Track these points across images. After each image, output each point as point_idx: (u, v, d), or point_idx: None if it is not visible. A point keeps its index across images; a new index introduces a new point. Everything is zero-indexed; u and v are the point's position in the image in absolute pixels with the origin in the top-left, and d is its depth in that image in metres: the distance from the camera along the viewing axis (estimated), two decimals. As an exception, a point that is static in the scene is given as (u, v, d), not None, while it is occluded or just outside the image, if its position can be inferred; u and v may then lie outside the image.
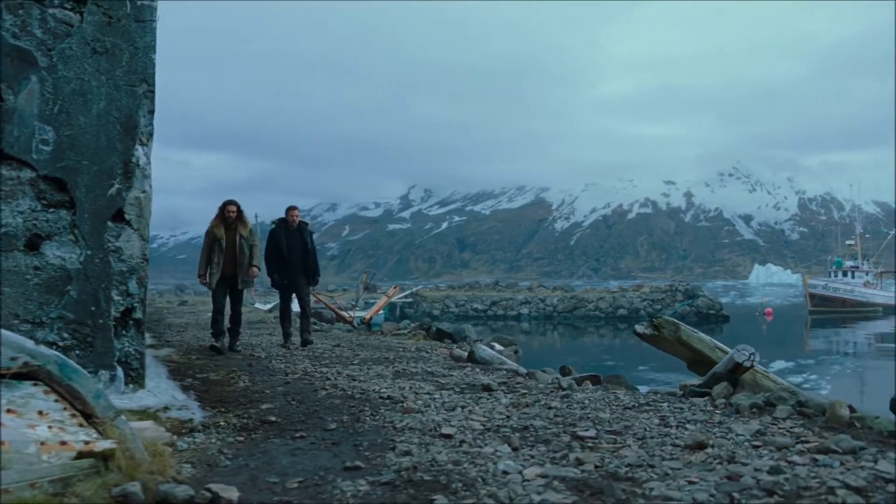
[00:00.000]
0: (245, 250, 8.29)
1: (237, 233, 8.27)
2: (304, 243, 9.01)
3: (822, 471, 3.23)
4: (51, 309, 4.02)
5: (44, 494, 2.70)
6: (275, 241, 8.97)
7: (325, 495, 2.97)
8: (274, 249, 8.97)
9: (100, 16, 4.16)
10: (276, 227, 9.11)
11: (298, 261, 8.93)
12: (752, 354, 4.96)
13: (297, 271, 8.95)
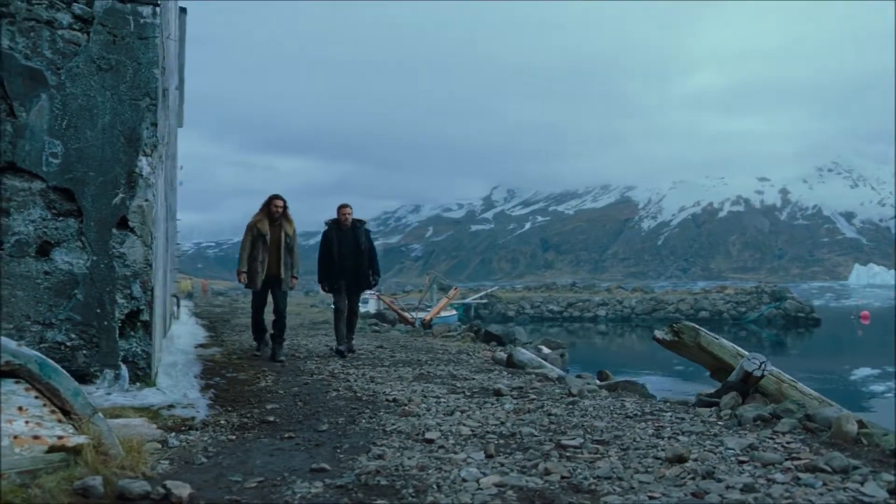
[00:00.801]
0: (290, 250, 7.85)
1: (282, 230, 7.78)
2: (358, 244, 8.24)
3: (799, 491, 3.07)
4: (59, 311, 4.30)
5: (10, 484, 2.89)
6: (326, 244, 8.30)
7: (276, 496, 3.05)
8: (325, 252, 8.28)
9: (105, 35, 4.42)
10: (328, 227, 8.37)
11: (351, 263, 8.21)
12: (763, 363, 4.73)
13: (350, 274, 8.25)
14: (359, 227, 8.35)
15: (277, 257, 7.73)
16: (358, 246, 8.25)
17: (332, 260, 8.18)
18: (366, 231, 8.47)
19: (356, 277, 8.31)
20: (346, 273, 8.22)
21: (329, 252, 8.22)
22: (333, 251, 8.18)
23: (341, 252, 8.19)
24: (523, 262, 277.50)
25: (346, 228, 8.28)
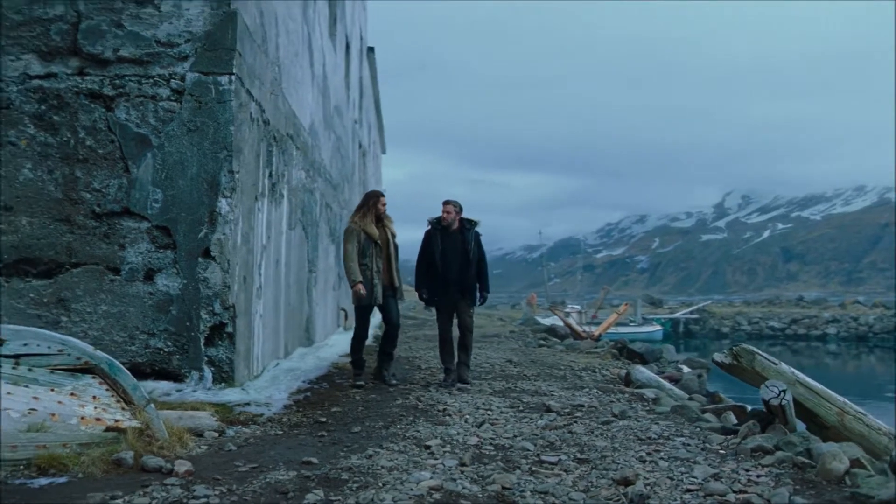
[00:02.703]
0: (395, 252, 7.02)
1: (388, 231, 6.94)
2: (465, 250, 6.95)
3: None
4: (159, 323, 5.45)
5: (70, 452, 3.92)
6: (427, 248, 7.11)
7: (251, 478, 3.75)
8: (424, 258, 7.15)
9: (193, 102, 5.53)
10: (432, 227, 7.16)
11: (455, 272, 6.95)
12: (783, 392, 4.50)
13: (454, 285, 7.01)
14: (468, 229, 7.07)
15: (389, 264, 6.88)
16: (466, 253, 6.96)
17: (433, 268, 7.01)
18: (476, 235, 7.15)
19: (462, 291, 7.06)
20: (450, 286, 7.01)
21: (430, 258, 7.05)
22: (436, 257, 6.97)
23: (445, 259, 6.95)
24: (762, 273, 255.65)
25: (454, 231, 7.02)
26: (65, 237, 5.47)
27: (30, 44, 5.56)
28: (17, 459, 3.73)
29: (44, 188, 5.48)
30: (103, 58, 5.57)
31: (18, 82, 5.52)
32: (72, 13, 5.58)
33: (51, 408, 4.03)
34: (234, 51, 5.59)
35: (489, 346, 13.33)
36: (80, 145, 5.51)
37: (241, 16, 5.70)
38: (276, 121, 7.20)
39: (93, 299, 5.44)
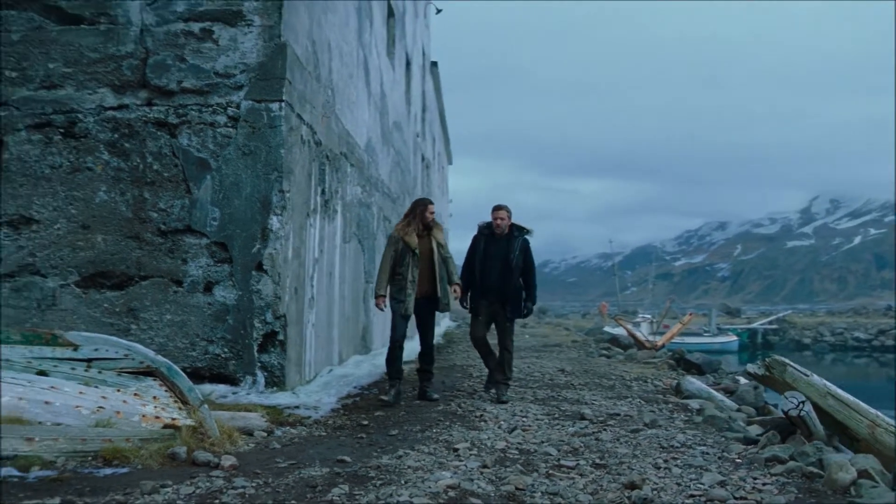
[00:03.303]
0: (444, 262, 6.66)
1: (433, 240, 6.62)
2: (507, 258, 6.63)
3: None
4: (217, 331, 5.94)
5: (132, 446, 4.40)
6: (470, 252, 6.89)
7: (288, 473, 4.12)
8: (467, 263, 6.90)
9: (247, 128, 6.02)
10: (479, 232, 6.88)
11: (494, 280, 6.66)
12: (802, 403, 4.55)
13: (493, 293, 6.71)
14: (516, 236, 6.73)
15: (430, 274, 6.57)
16: (507, 261, 6.64)
17: (473, 272, 6.78)
18: (524, 242, 6.77)
19: (501, 301, 6.74)
20: (490, 294, 6.73)
21: (470, 263, 6.85)
22: (475, 263, 6.76)
23: (485, 266, 6.68)
24: (853, 281, 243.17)
25: (501, 237, 6.73)
26: (134, 253, 6.04)
27: (105, 78, 6.18)
28: (86, 451, 4.23)
29: (116, 208, 6.08)
30: (168, 89, 6.14)
31: (95, 113, 6.15)
32: (141, 50, 6.18)
33: (116, 406, 4.52)
34: (284, 79, 6.05)
35: (547, 356, 13.47)
36: (148, 169, 6.08)
37: (290, 47, 6.16)
38: (329, 141, 7.66)
39: (159, 309, 5.98)
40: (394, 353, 6.64)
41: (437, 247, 6.64)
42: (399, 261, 6.47)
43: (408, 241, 6.48)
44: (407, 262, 6.45)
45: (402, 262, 6.46)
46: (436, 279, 6.61)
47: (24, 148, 6.18)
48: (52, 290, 6.05)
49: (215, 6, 6.16)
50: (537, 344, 17.62)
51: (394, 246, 6.53)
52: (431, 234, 6.64)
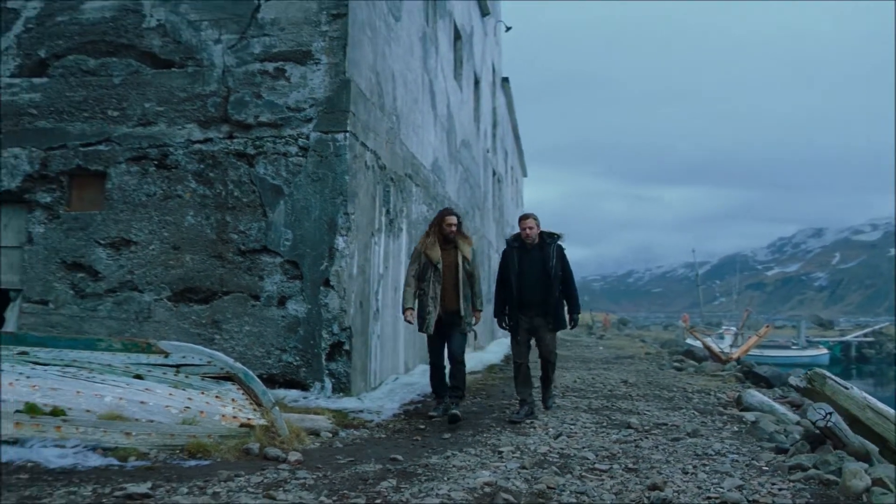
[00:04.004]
0: (469, 278, 6.29)
1: (458, 253, 6.25)
2: (546, 268, 6.28)
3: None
4: (290, 341, 6.56)
5: (212, 441, 5.02)
6: (502, 268, 6.55)
7: (346, 467, 4.63)
8: (501, 279, 6.56)
9: (315, 157, 6.64)
10: (508, 246, 6.55)
11: (534, 293, 6.30)
12: (829, 414, 4.68)
13: (534, 308, 6.36)
14: (549, 243, 6.38)
15: (455, 289, 6.21)
16: (546, 271, 6.28)
17: (509, 286, 6.42)
18: (559, 249, 6.41)
19: (544, 314, 6.39)
20: (529, 308, 6.38)
21: (505, 277, 6.48)
22: (511, 278, 6.39)
23: (521, 279, 6.34)
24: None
25: (532, 247, 6.38)
26: (218, 270, 6.75)
27: (192, 115, 6.95)
28: (174, 445, 4.87)
29: (202, 231, 6.81)
30: (247, 123, 6.84)
31: (184, 147, 6.92)
32: (223, 88, 6.92)
33: (200, 407, 5.15)
34: (348, 111, 6.64)
35: (616, 368, 13.60)
36: (230, 196, 6.79)
37: (353, 82, 6.75)
38: (393, 164, 8.22)
39: (239, 321, 6.66)
40: (434, 375, 6.47)
41: (461, 261, 6.25)
42: (422, 275, 6.22)
43: (429, 255, 6.22)
44: (429, 277, 6.17)
45: (424, 277, 6.20)
46: (459, 296, 6.23)
47: (124, 178, 7.02)
48: (147, 304, 6.84)
49: (287, 47, 6.83)
50: (609, 356, 17.69)
51: (416, 260, 6.33)
52: (458, 247, 6.28)
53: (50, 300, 7.08)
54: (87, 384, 5.16)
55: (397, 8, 8.64)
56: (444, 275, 6.22)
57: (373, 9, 7.54)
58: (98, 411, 4.98)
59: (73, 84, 7.32)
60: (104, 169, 7.09)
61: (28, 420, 4.98)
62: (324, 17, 6.78)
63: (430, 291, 6.19)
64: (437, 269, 6.19)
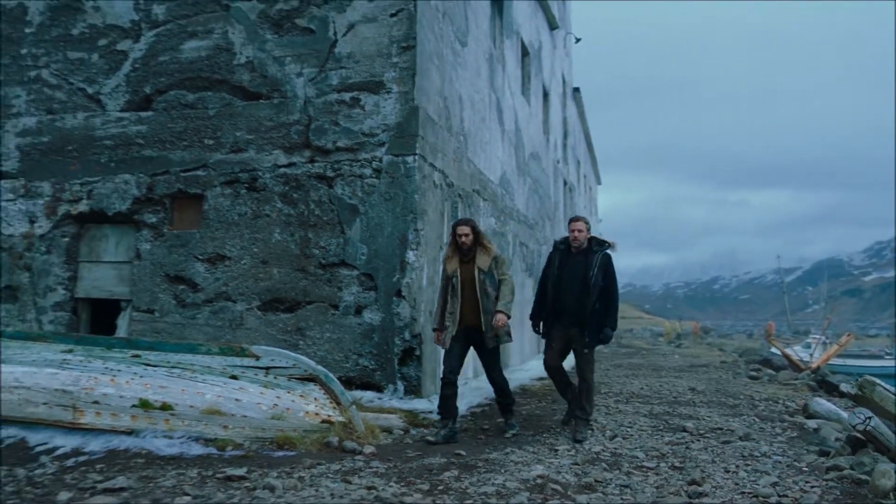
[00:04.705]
0: (490, 288, 5.93)
1: (475, 265, 5.95)
2: (586, 276, 5.93)
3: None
4: (365, 347, 7.17)
5: (298, 434, 5.66)
6: (544, 268, 6.32)
7: (414, 459, 5.16)
8: (540, 283, 6.35)
9: (388, 178, 7.25)
10: (554, 248, 6.30)
11: (570, 300, 6.01)
12: (869, 419, 4.86)
13: (569, 316, 6.05)
14: (595, 251, 6.03)
15: (474, 305, 5.92)
16: (586, 279, 5.94)
17: (545, 295, 6.20)
18: (604, 258, 6.02)
19: (579, 324, 6.01)
20: (564, 317, 6.09)
21: (544, 282, 6.27)
22: (548, 282, 6.17)
23: (560, 284, 6.07)
24: None
25: (577, 253, 6.08)
26: (301, 282, 7.45)
27: (278, 142, 7.70)
28: (264, 437, 5.53)
29: (287, 247, 7.53)
30: (326, 148, 7.53)
31: (271, 171, 7.67)
32: (305, 118, 7.63)
33: (287, 404, 5.80)
34: (417, 135, 7.22)
35: (687, 376, 13.67)
36: (311, 214, 7.48)
37: (422, 108, 7.33)
38: (461, 181, 8.75)
39: (320, 328, 7.32)
40: (443, 391, 6.03)
41: (477, 273, 5.93)
42: (445, 290, 6.07)
43: (446, 268, 6.07)
44: (447, 290, 6.03)
45: (446, 291, 6.07)
46: (480, 310, 5.91)
47: (218, 200, 7.83)
48: (240, 313, 7.61)
49: (362, 78, 7.48)
50: (684, 364, 17.63)
51: (443, 275, 6.14)
52: (475, 259, 5.99)
53: (155, 309, 7.96)
54: (191, 383, 5.89)
55: (464, 34, 9.20)
56: (463, 289, 5.94)
57: (440, 38, 8.12)
58: (200, 407, 5.70)
59: (174, 116, 8.21)
60: (201, 192, 7.94)
61: (142, 413, 5.76)
62: (394, 50, 7.40)
63: (448, 306, 6.00)
64: (453, 283, 5.98)
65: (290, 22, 7.85)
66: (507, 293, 5.99)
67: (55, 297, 8.58)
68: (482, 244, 6.03)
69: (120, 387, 5.92)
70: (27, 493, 4.21)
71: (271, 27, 7.92)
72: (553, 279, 6.11)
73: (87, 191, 8.52)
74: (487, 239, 6.11)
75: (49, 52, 9.08)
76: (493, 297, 5.94)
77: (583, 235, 6.05)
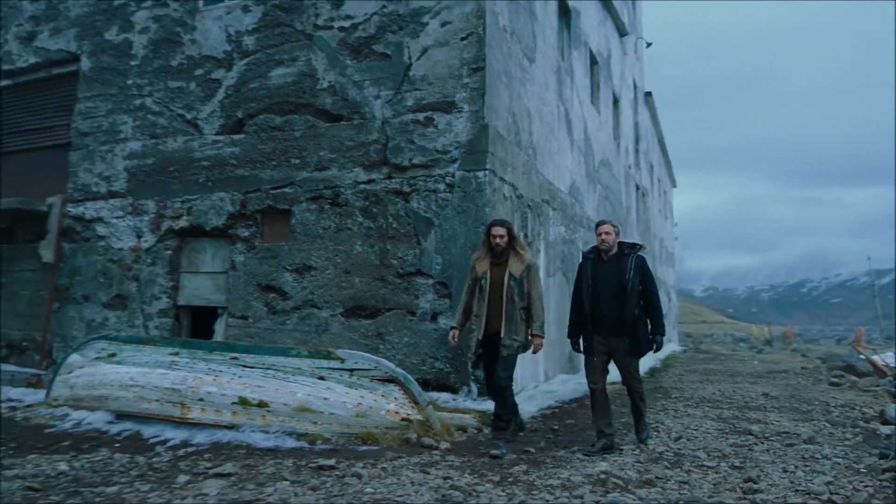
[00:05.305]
0: (517, 296, 5.76)
1: (506, 270, 5.80)
2: (621, 281, 5.62)
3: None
4: (441, 351, 7.65)
5: (380, 430, 6.18)
6: (576, 280, 5.97)
7: (485, 455, 5.59)
8: (574, 296, 5.99)
9: (460, 192, 7.71)
10: (584, 256, 5.98)
11: (608, 309, 5.66)
12: (936, 420, 4.95)
13: (607, 327, 5.69)
14: (627, 254, 5.74)
15: (500, 308, 5.77)
16: (622, 285, 5.62)
17: (581, 305, 5.83)
18: (638, 260, 5.71)
19: (620, 334, 5.66)
20: (603, 328, 5.72)
21: (577, 292, 5.90)
22: (582, 292, 5.82)
23: (594, 294, 5.73)
24: None
25: (608, 259, 5.78)
26: (381, 291, 8.00)
27: (358, 160, 8.29)
28: (350, 433, 6.08)
29: (368, 258, 8.10)
30: (402, 165, 8.06)
31: (352, 187, 8.26)
32: (382, 137, 8.20)
33: (370, 403, 6.33)
34: (487, 152, 7.66)
35: (764, 382, 13.55)
36: (389, 227, 8.03)
37: (491, 126, 7.77)
38: (530, 192, 9.14)
39: (399, 333, 7.84)
40: (495, 402, 5.97)
41: (508, 278, 5.77)
42: (472, 291, 5.98)
43: (475, 268, 5.96)
44: (475, 292, 5.91)
45: (472, 293, 5.97)
46: (503, 316, 5.77)
47: (304, 215, 8.49)
48: (325, 319, 8.23)
49: (435, 99, 7.98)
50: (762, 370, 17.38)
51: (470, 275, 6.06)
52: (508, 262, 5.84)
53: (249, 315, 8.68)
54: (283, 383, 6.51)
55: (531, 51, 9.59)
56: (491, 292, 5.81)
57: (508, 58, 8.55)
58: (292, 405, 6.31)
59: (264, 138, 8.94)
60: (289, 207, 8.62)
61: (241, 410, 6.42)
62: (465, 71, 7.87)
63: (474, 308, 5.91)
64: (481, 285, 5.86)
65: (368, 48, 8.44)
66: (539, 311, 5.86)
67: (160, 305, 9.45)
68: (515, 249, 5.89)
69: (221, 386, 6.61)
70: (150, 476, 4.87)
71: (351, 53, 8.54)
72: (587, 290, 5.77)
73: (187, 208, 9.36)
74: (522, 244, 5.95)
75: (152, 82, 10.01)
76: (519, 307, 5.78)
77: (611, 238, 5.76)
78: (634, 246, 5.83)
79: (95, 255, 10.09)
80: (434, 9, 8.12)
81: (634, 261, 5.67)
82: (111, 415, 6.97)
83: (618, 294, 5.63)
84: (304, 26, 8.92)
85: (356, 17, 8.56)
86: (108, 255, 9.99)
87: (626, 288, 5.59)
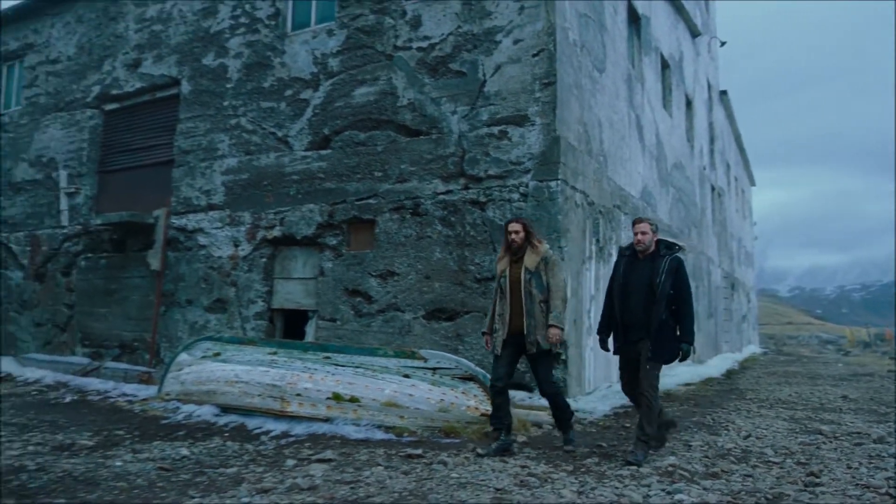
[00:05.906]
0: (535, 289, 5.61)
1: (522, 266, 5.68)
2: (652, 283, 5.36)
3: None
4: (516, 352, 8.09)
5: (460, 423, 6.67)
6: (609, 282, 5.78)
7: (558, 449, 6.00)
8: (607, 295, 5.81)
9: (534, 201, 8.14)
10: (619, 253, 5.81)
11: (636, 311, 5.44)
12: None
13: (635, 329, 5.46)
14: (663, 255, 5.47)
15: (519, 306, 5.64)
16: (652, 286, 5.36)
17: (611, 307, 5.66)
18: (672, 262, 5.42)
19: (646, 338, 5.39)
20: (631, 331, 5.50)
21: (609, 291, 5.72)
22: (613, 291, 5.65)
23: (624, 295, 5.53)
24: None
25: (644, 257, 5.53)
26: (459, 295, 8.51)
27: (436, 172, 8.83)
28: (433, 427, 6.61)
29: (447, 264, 8.63)
30: (478, 177, 8.55)
31: (431, 197, 8.82)
32: (459, 150, 8.71)
33: (451, 399, 6.85)
34: (559, 162, 8.06)
35: (845, 385, 13.37)
36: (467, 235, 8.54)
37: (563, 137, 8.16)
38: (601, 199, 9.47)
39: (476, 335, 8.34)
40: (493, 401, 5.85)
41: (523, 272, 5.64)
42: (496, 293, 5.87)
43: (498, 268, 5.88)
44: (497, 292, 5.82)
45: (496, 293, 5.87)
46: (524, 314, 5.61)
47: (388, 224, 9.10)
48: (408, 321, 8.81)
49: (508, 113, 8.44)
50: (846, 373, 17.01)
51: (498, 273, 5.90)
52: (524, 259, 5.71)
53: (337, 318, 9.36)
54: (372, 380, 7.10)
55: (601, 62, 9.92)
56: (511, 290, 5.69)
57: (578, 70, 8.92)
58: (380, 400, 6.89)
59: (349, 153, 9.61)
60: (373, 217, 9.25)
61: (335, 405, 7.05)
62: (537, 86, 8.30)
63: (496, 308, 5.79)
64: (500, 284, 5.78)
65: (445, 66, 8.98)
66: (559, 302, 5.62)
67: (255, 308, 10.27)
68: (532, 243, 5.76)
69: (316, 382, 7.26)
70: (260, 460, 5.52)
71: (428, 72, 9.10)
72: (618, 289, 5.57)
73: (280, 219, 10.14)
74: (539, 238, 5.84)
75: (245, 102, 10.86)
76: (539, 301, 5.59)
77: (647, 238, 5.49)
78: (672, 246, 5.56)
79: (197, 262, 11.02)
80: (506, 27, 8.59)
81: (669, 262, 5.38)
82: (217, 408, 7.74)
83: (647, 296, 5.37)
84: (384, 47, 9.54)
85: (433, 38, 9.12)
86: (208, 262, 10.89)
87: (656, 291, 5.33)
